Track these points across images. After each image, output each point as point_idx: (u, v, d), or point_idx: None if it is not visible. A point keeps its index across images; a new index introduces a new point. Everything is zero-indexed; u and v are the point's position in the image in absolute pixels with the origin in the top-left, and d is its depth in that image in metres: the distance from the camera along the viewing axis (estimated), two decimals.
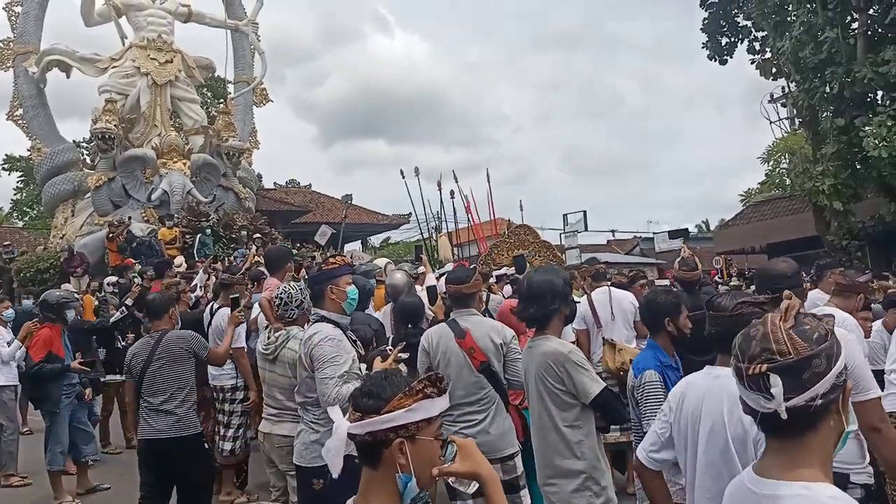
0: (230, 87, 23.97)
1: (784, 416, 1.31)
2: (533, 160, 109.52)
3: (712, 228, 31.35)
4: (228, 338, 4.88)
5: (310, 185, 32.38)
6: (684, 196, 75.91)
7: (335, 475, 1.65)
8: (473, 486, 1.65)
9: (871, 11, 14.42)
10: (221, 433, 5.83)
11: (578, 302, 6.15)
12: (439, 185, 19.88)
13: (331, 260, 3.78)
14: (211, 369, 5.84)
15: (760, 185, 18.67)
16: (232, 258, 12.90)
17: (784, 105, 20.58)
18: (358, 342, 3.72)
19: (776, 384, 1.34)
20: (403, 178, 20.03)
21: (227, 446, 5.76)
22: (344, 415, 1.69)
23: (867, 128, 12.80)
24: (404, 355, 3.60)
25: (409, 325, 5.09)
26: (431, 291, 6.28)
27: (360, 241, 30.58)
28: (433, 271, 8.00)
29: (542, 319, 3.24)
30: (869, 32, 14.22)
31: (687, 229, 16.67)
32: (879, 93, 13.90)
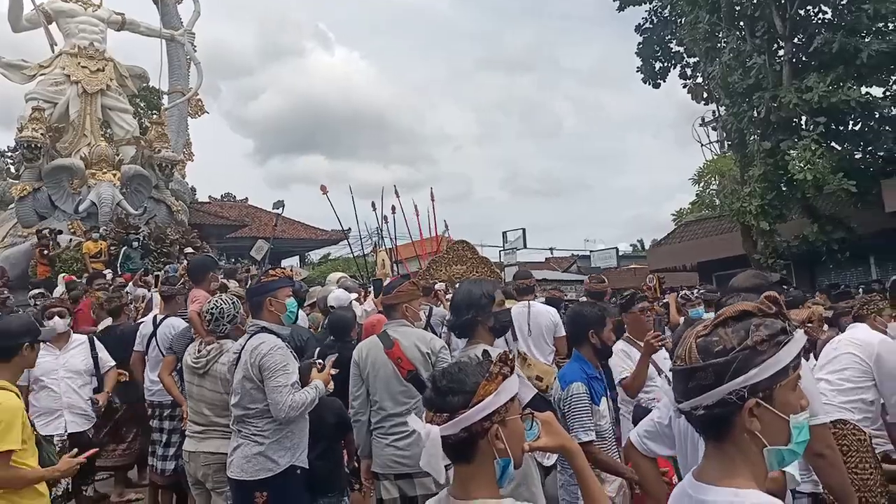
0: (164, 98, 23.40)
1: (677, 416, 1.38)
2: (474, 179, 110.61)
3: (647, 247, 32.23)
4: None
5: (246, 199, 31.85)
6: (620, 216, 78.00)
7: (441, 481, 1.64)
8: (552, 458, 1.78)
9: (795, 40, 15.09)
10: (160, 453, 5.50)
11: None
12: (374, 205, 19.84)
13: (271, 272, 3.82)
14: (148, 384, 5.63)
15: (691, 206, 19.23)
16: (163, 272, 12.50)
17: (714, 128, 21.36)
18: (294, 353, 3.69)
19: (670, 385, 1.38)
20: (325, 193, 19.91)
21: (169, 466, 5.43)
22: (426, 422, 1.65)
23: (792, 151, 13.33)
24: (334, 371, 3.57)
25: (338, 338, 5.04)
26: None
27: (297, 256, 30.15)
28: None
29: (463, 328, 3.32)
30: (794, 60, 14.87)
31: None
32: (804, 118, 14.48)
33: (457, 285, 4.61)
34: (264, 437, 3.45)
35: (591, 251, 22.07)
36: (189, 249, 14.39)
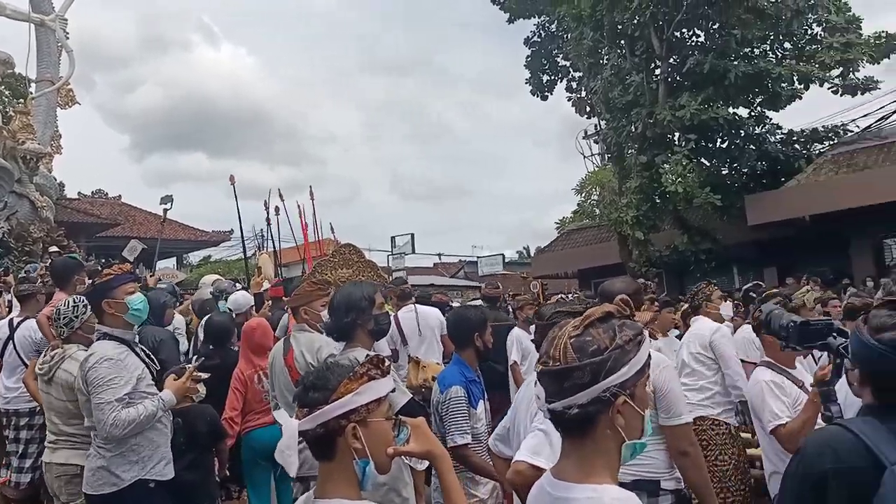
0: (32, 87, 21.79)
1: (546, 416, 1.41)
2: (362, 182, 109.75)
3: (533, 254, 33.14)
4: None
5: (119, 196, 30.10)
6: (507, 223, 79.56)
7: (292, 474, 1.64)
8: (424, 465, 1.74)
9: (671, 60, 15.95)
10: (15, 465, 5.00)
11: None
12: (266, 203, 19.15)
13: (105, 272, 3.47)
14: (2, 391, 5.18)
15: (573, 215, 19.93)
16: (23, 272, 11.60)
17: (597, 141, 22.21)
18: (152, 356, 3.43)
19: (540, 386, 1.42)
20: (233, 183, 19.09)
21: (24, 478, 4.91)
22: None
23: (665, 165, 14.04)
24: (203, 375, 3.39)
25: (217, 345, 4.83)
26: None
27: (175, 257, 28.84)
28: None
29: (342, 331, 3.27)
30: (669, 79, 15.70)
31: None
32: (677, 134, 15.33)
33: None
34: (107, 451, 3.23)
35: (478, 257, 22.46)
36: (54, 248, 13.46)
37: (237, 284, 9.73)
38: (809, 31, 15.51)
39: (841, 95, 15.60)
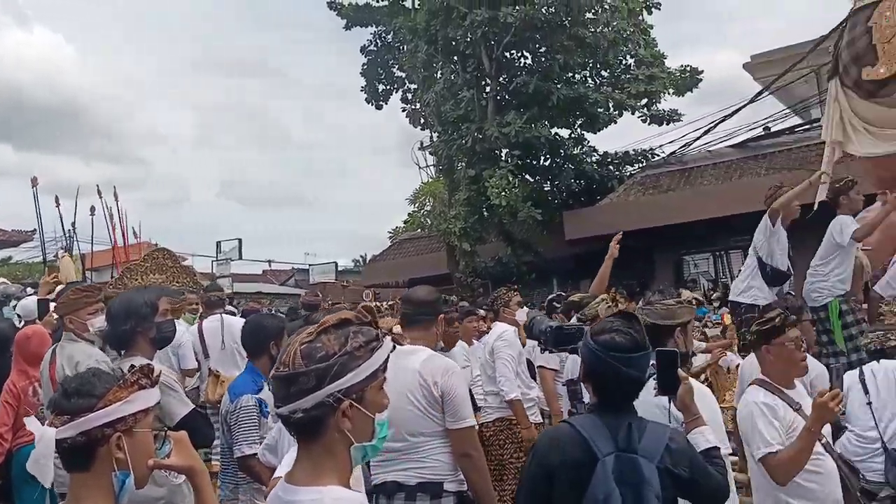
0: None
1: (276, 421, 1.45)
2: (191, 184, 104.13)
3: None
4: None
5: None
6: (344, 231, 78.66)
7: (47, 485, 1.61)
8: (181, 478, 1.75)
9: (500, 79, 16.55)
10: None
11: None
12: (57, 199, 17.43)
13: None
14: None
15: (405, 224, 20.13)
16: None
17: (432, 153, 22.55)
18: None
19: (273, 391, 1.46)
20: (35, 186, 17.22)
21: None
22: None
23: (492, 179, 14.51)
24: None
25: None
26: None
27: None
28: None
29: (120, 339, 3.13)
30: (498, 97, 16.27)
31: None
32: (504, 150, 15.90)
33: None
34: None
35: (310, 265, 22.02)
36: None
37: (28, 290, 8.81)
38: (624, 62, 16.71)
39: (649, 124, 16.95)
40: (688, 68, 16.91)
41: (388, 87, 19.09)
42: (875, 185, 6.08)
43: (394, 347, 1.63)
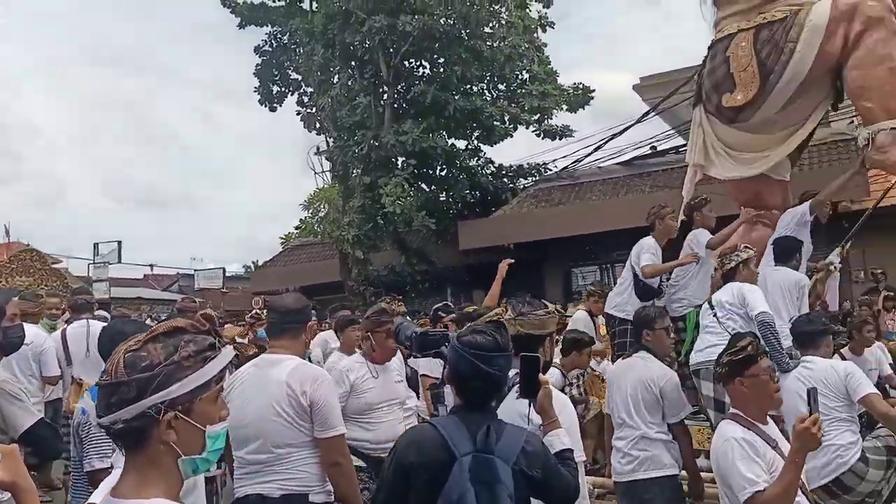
0: None
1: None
2: (69, 182, 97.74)
3: None
4: None
5: None
6: (235, 236, 75.96)
7: None
8: (6, 496, 1.65)
9: (398, 87, 16.56)
10: None
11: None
12: None
13: None
14: None
15: (298, 230, 19.78)
16: None
17: (328, 158, 22.27)
18: None
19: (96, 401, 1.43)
20: None
21: None
22: None
23: (387, 187, 14.48)
24: None
25: None
26: None
27: None
28: None
29: None
30: (395, 105, 16.26)
31: None
32: (400, 158, 15.89)
33: None
34: None
35: (195, 270, 21.24)
36: None
37: None
38: (519, 77, 17.08)
39: (542, 138, 17.39)
40: (580, 86, 17.46)
41: (283, 90, 18.72)
42: (736, 205, 6.45)
43: (235, 357, 1.58)
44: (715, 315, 4.85)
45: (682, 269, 5.92)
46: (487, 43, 15.71)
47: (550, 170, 18.02)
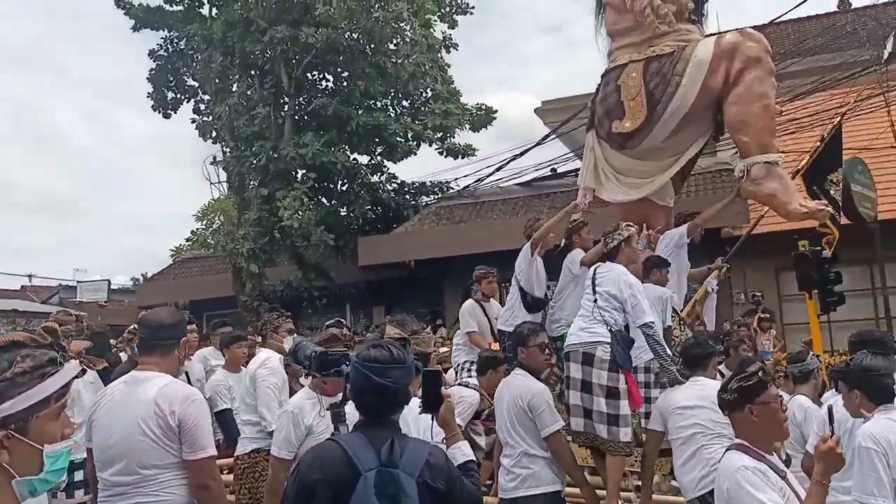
0: None
1: None
2: None
3: None
4: None
5: None
6: (122, 246, 72.08)
7: None
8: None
9: (300, 99, 16.30)
10: None
11: None
12: None
13: None
14: None
15: (189, 243, 19.04)
16: None
17: (225, 169, 21.60)
18: None
19: None
20: None
21: None
22: None
23: (285, 200, 14.17)
24: None
25: None
26: None
27: None
28: None
29: None
30: (296, 116, 16.02)
31: None
32: (300, 171, 15.61)
33: None
34: None
35: (78, 282, 20.04)
36: None
37: None
38: (424, 95, 17.16)
39: (445, 157, 17.52)
40: (483, 107, 17.75)
41: (178, 96, 18.07)
42: None
43: (82, 372, 1.44)
44: (595, 301, 4.87)
45: (561, 289, 6.05)
46: (392, 59, 15.71)
47: (453, 188, 18.19)
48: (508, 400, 4.31)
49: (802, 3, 14.99)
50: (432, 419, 2.64)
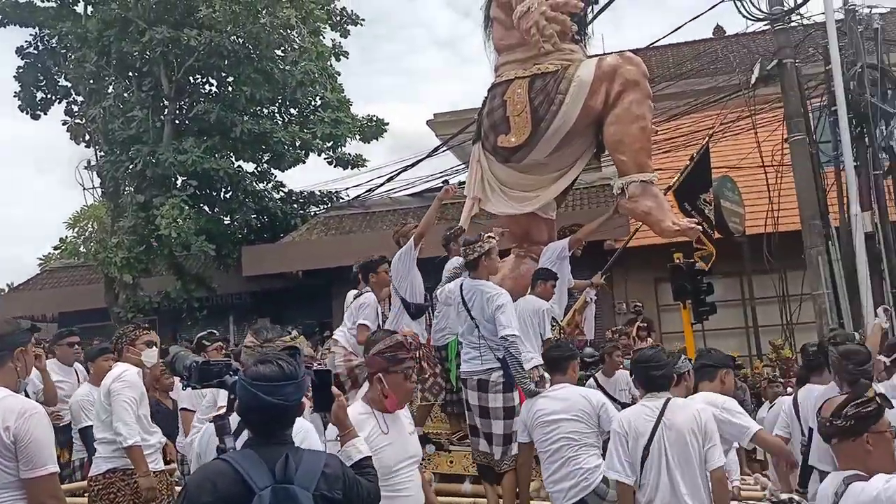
0: None
1: None
2: None
3: None
4: None
5: None
6: None
7: None
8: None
9: (180, 103, 15.63)
10: None
11: None
12: None
13: None
14: None
15: (59, 251, 17.90)
16: None
17: (99, 173, 20.42)
18: None
19: None
20: None
21: None
22: None
23: (163, 208, 13.54)
24: None
25: None
26: None
27: None
28: None
29: None
30: (176, 121, 15.37)
31: None
32: (179, 178, 14.96)
33: None
34: None
35: None
36: None
37: None
38: (312, 103, 16.89)
39: (334, 166, 17.32)
40: (374, 118, 17.66)
41: (48, 96, 16.95)
42: (509, 239, 6.80)
43: None
44: (477, 329, 5.03)
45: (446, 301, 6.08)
46: (280, 66, 15.36)
47: (343, 198, 17.98)
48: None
49: (678, 29, 15.84)
50: (324, 418, 2.68)
